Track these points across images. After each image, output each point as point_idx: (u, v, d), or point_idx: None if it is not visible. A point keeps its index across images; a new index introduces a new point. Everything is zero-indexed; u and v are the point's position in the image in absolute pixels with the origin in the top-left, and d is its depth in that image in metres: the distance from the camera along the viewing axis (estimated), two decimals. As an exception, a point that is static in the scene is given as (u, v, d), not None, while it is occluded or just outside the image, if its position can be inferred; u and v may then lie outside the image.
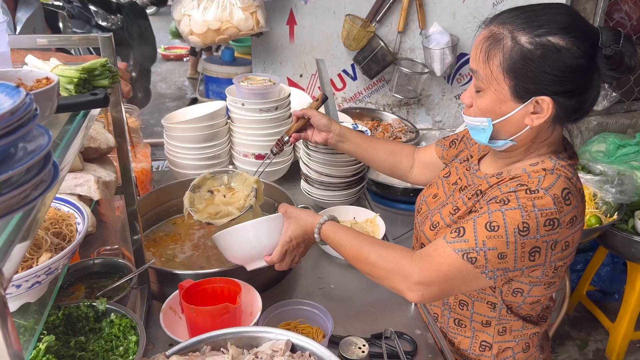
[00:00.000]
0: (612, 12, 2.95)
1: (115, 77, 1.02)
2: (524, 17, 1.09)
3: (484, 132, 1.18)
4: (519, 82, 1.09)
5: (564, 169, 1.15)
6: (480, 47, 1.13)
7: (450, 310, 1.37)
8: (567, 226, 1.10)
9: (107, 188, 1.21)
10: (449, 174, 1.43)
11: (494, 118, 1.15)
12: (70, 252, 0.90)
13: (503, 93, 1.12)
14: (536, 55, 1.06)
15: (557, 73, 1.07)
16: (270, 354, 1.13)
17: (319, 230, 1.32)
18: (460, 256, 1.12)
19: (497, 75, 1.11)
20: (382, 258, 1.21)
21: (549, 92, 1.09)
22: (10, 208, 0.59)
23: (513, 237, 1.09)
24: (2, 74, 0.85)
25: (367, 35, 2.53)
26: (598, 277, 3.20)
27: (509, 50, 1.08)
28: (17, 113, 0.59)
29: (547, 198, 1.09)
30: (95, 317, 1.21)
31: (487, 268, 1.11)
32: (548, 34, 1.06)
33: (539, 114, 1.11)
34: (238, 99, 2.03)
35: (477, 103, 1.17)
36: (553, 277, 1.20)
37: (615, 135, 2.92)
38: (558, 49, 1.05)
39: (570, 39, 1.05)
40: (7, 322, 0.56)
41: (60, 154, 0.78)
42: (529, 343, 1.33)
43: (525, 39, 1.07)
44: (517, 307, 1.27)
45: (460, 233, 1.14)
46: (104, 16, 4.25)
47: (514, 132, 1.16)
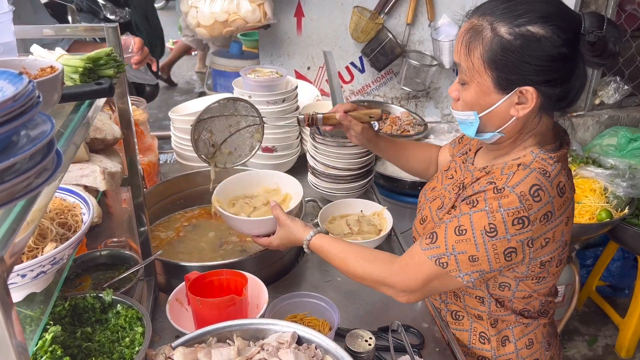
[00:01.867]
0: (624, 4, 2.91)
1: (120, 67, 1.01)
2: (503, 8, 1.07)
3: (471, 126, 1.18)
4: (500, 73, 1.08)
5: (544, 162, 1.13)
6: (461, 40, 1.12)
7: (447, 302, 1.37)
8: (540, 223, 1.08)
9: (113, 179, 1.20)
10: (449, 168, 1.43)
11: (480, 111, 1.14)
12: (76, 242, 0.90)
13: (486, 85, 1.10)
14: (516, 45, 1.04)
15: (538, 63, 1.05)
16: (276, 346, 1.13)
17: (307, 245, 1.38)
18: (433, 262, 1.15)
19: (479, 68, 1.10)
20: (367, 272, 1.26)
21: (531, 82, 1.07)
22: (12, 196, 0.58)
23: (481, 238, 1.09)
24: (7, 62, 0.85)
25: (375, 27, 2.51)
26: (608, 272, 3.17)
27: (488, 42, 1.07)
28: (20, 100, 0.58)
29: (513, 196, 1.07)
30: (101, 308, 1.21)
31: (461, 271, 1.13)
32: (527, 23, 1.04)
33: (523, 104, 1.10)
34: (245, 91, 2.02)
35: (463, 96, 1.17)
36: (541, 272, 1.19)
37: (626, 129, 2.88)
38: (538, 38, 1.03)
39: (550, 28, 1.03)
40: (11, 313, 0.56)
41: (64, 143, 0.78)
42: (532, 339, 1.31)
43: (504, 30, 1.05)
44: (508, 301, 1.26)
45: (433, 239, 1.16)
46: (112, 9, 4.25)
47: (501, 124, 1.15)
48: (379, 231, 1.75)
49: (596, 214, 2.38)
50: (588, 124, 3.03)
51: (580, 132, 3.04)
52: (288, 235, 1.42)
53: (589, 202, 2.41)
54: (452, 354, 1.34)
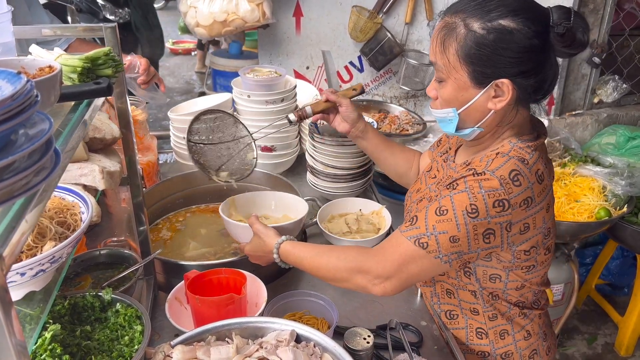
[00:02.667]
0: (622, 3, 2.91)
1: (118, 67, 1.02)
2: (474, 4, 1.11)
3: (451, 123, 1.20)
4: (476, 67, 1.10)
5: (522, 150, 1.15)
6: (436, 39, 1.15)
7: (440, 301, 1.37)
8: (520, 208, 1.10)
9: (112, 178, 1.21)
10: (431, 168, 1.44)
11: (458, 107, 1.17)
12: (74, 240, 0.90)
13: (463, 80, 1.13)
14: (489, 39, 1.07)
15: (512, 55, 1.08)
16: (274, 344, 1.13)
17: (277, 251, 1.34)
18: (412, 243, 1.14)
19: (454, 64, 1.12)
20: (340, 260, 1.23)
21: (506, 75, 1.10)
22: (11, 194, 0.59)
23: (462, 219, 1.10)
24: (6, 62, 0.85)
25: (374, 26, 2.51)
26: (607, 270, 3.17)
27: (462, 38, 1.10)
28: (18, 99, 0.59)
29: (494, 180, 1.09)
30: (100, 307, 1.21)
31: (441, 252, 1.12)
32: (499, 17, 1.07)
33: (500, 97, 1.12)
34: (244, 90, 2.03)
35: (441, 94, 1.19)
36: (527, 260, 1.20)
37: (625, 128, 2.88)
38: (509, 31, 1.06)
39: (521, 20, 1.07)
40: (10, 311, 0.56)
41: (62, 142, 0.78)
42: (529, 331, 1.33)
43: (477, 25, 1.08)
44: (502, 293, 1.27)
45: (413, 222, 1.16)
46: (111, 10, 4.26)
47: (479, 118, 1.17)
48: (378, 230, 1.76)
49: (595, 213, 2.38)
50: (587, 122, 3.04)
51: (579, 131, 3.04)
52: (259, 242, 1.39)
53: (588, 200, 2.41)
54: (450, 352, 1.34)
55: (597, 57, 2.88)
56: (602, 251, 3.08)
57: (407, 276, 1.18)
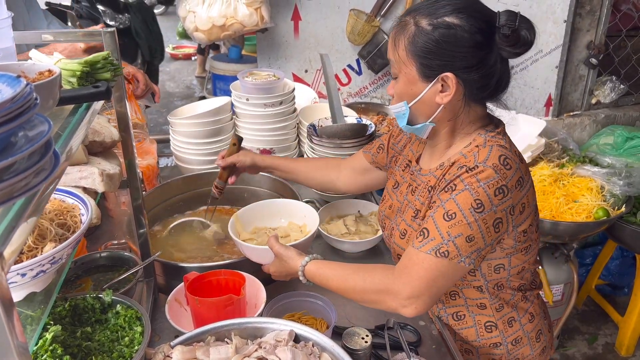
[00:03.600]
0: (619, 4, 2.92)
1: (117, 71, 1.03)
2: (426, 5, 1.18)
3: (403, 116, 1.25)
4: (423, 61, 1.16)
5: (495, 138, 1.21)
6: (391, 37, 1.22)
7: (445, 305, 1.38)
8: (516, 189, 1.15)
9: (112, 181, 1.22)
10: (397, 183, 1.44)
11: (409, 100, 1.22)
12: (74, 242, 0.92)
13: (412, 74, 1.19)
14: (434, 35, 1.14)
15: (456, 49, 1.14)
16: (273, 344, 1.14)
17: (302, 273, 1.32)
18: (433, 255, 1.13)
19: (404, 59, 1.18)
20: (367, 282, 1.21)
21: (451, 69, 1.15)
22: (11, 194, 0.60)
23: (472, 217, 1.12)
24: (6, 67, 0.87)
25: (371, 29, 2.53)
26: (607, 270, 3.18)
27: (411, 34, 1.17)
28: (18, 101, 0.60)
29: (488, 170, 1.13)
30: (101, 309, 1.22)
31: (462, 255, 1.13)
32: (445, 15, 1.14)
33: (446, 91, 1.18)
34: (243, 94, 2.04)
35: (395, 89, 1.25)
36: (525, 241, 1.23)
37: (623, 128, 2.89)
38: (453, 26, 1.13)
39: (464, 17, 1.13)
40: (12, 311, 0.57)
41: (62, 144, 0.79)
42: (532, 313, 1.36)
43: (425, 22, 1.15)
44: (506, 281, 1.29)
45: (425, 235, 1.16)
46: (111, 15, 4.29)
47: (429, 113, 1.22)
48: (376, 231, 1.77)
49: (593, 213, 2.39)
50: (585, 123, 3.05)
51: (577, 132, 3.05)
52: (282, 264, 1.36)
53: (586, 200, 2.42)
54: (448, 351, 1.35)
55: (594, 58, 2.90)
56: (601, 251, 3.09)
57: (436, 290, 1.17)
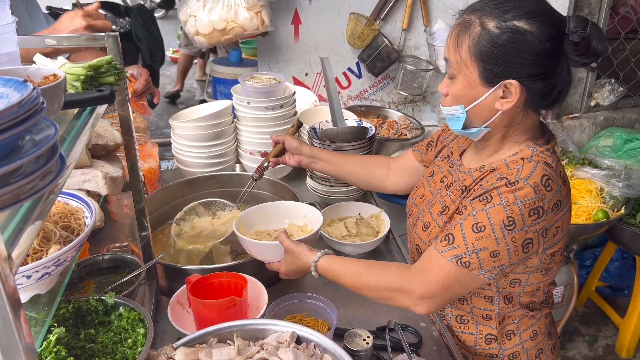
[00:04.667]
0: (617, 7, 2.94)
1: (120, 75, 1.04)
2: (492, 5, 1.13)
3: (458, 120, 1.21)
4: (486, 65, 1.12)
5: (543, 154, 1.17)
6: (451, 35, 1.18)
7: (451, 306, 1.38)
8: (553, 212, 1.12)
9: (115, 183, 1.23)
10: (433, 173, 1.44)
11: (466, 104, 1.18)
12: (78, 244, 0.93)
13: (472, 78, 1.14)
14: (502, 39, 1.09)
15: (523, 56, 1.09)
16: (275, 346, 1.15)
17: (315, 268, 1.33)
18: (454, 263, 1.13)
19: (466, 60, 1.14)
20: (382, 281, 1.22)
21: (516, 76, 1.11)
22: (18, 197, 0.61)
23: (501, 233, 1.10)
24: (12, 71, 0.88)
25: (371, 33, 2.54)
26: (607, 272, 3.18)
27: (477, 36, 1.12)
28: (25, 105, 0.61)
29: (528, 188, 1.10)
30: (104, 311, 1.23)
31: (483, 269, 1.13)
32: (514, 18, 1.09)
33: (508, 98, 1.13)
34: (244, 97, 2.05)
35: (451, 90, 1.20)
36: (550, 263, 1.21)
37: (622, 130, 2.91)
38: (523, 32, 1.08)
39: (535, 23, 1.08)
40: (19, 311, 0.58)
41: (67, 148, 0.80)
42: (535, 330, 1.33)
43: (492, 24, 1.10)
44: (517, 296, 1.28)
45: (450, 240, 1.15)
46: (112, 19, 4.30)
47: (486, 118, 1.18)
48: (377, 233, 1.78)
49: (593, 214, 2.40)
50: (584, 125, 3.06)
51: (576, 134, 3.06)
52: (294, 261, 1.36)
53: (586, 202, 2.44)
54: (449, 353, 1.36)
55: (593, 61, 2.91)
56: (601, 253, 3.10)
57: (450, 295, 1.18)
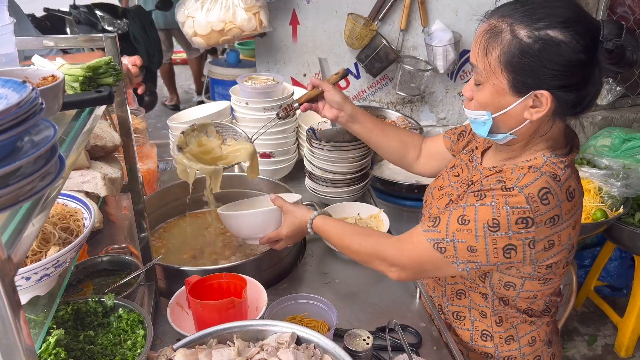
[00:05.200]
0: (615, 6, 2.94)
1: (119, 76, 1.04)
2: (523, 10, 1.07)
3: (484, 126, 1.18)
4: (517, 76, 1.08)
5: (555, 165, 1.13)
6: (479, 41, 1.12)
7: (449, 302, 1.38)
8: (546, 225, 1.09)
9: (114, 185, 1.23)
10: (454, 165, 1.44)
11: (494, 111, 1.14)
12: (78, 245, 0.92)
13: (501, 87, 1.11)
14: (534, 49, 1.04)
15: (556, 67, 1.05)
16: (275, 346, 1.15)
17: (310, 224, 1.45)
18: (431, 245, 1.18)
19: (495, 69, 1.10)
20: (362, 245, 1.33)
21: (547, 87, 1.07)
22: (18, 198, 0.61)
23: (482, 231, 1.10)
24: (10, 72, 0.87)
25: (369, 33, 2.54)
26: (606, 272, 3.19)
27: (507, 44, 1.07)
28: (24, 106, 0.61)
29: (521, 197, 1.08)
30: (103, 312, 1.23)
31: (458, 259, 1.15)
32: (547, 27, 1.04)
33: (538, 108, 1.10)
34: (242, 98, 2.05)
35: (477, 97, 1.17)
36: (547, 274, 1.19)
37: (620, 130, 2.91)
38: (557, 43, 1.03)
39: (570, 33, 1.03)
40: (19, 312, 0.58)
41: (66, 149, 0.80)
42: (535, 337, 1.33)
43: (524, 33, 1.05)
44: (513, 300, 1.27)
45: (435, 223, 1.19)
46: (110, 21, 4.30)
47: (514, 125, 1.15)
48: (376, 233, 1.77)
49: (591, 214, 2.40)
50: (582, 125, 3.07)
51: (574, 134, 3.07)
52: (293, 221, 1.47)
53: (584, 202, 2.44)
54: (449, 352, 1.36)
55: (590, 61, 2.91)
56: (600, 253, 3.10)
57: (422, 271, 1.27)
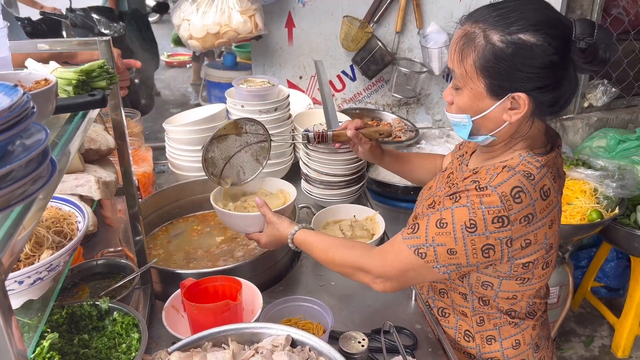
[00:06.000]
0: (609, 8, 2.96)
1: (113, 79, 1.04)
2: (495, 15, 1.09)
3: (464, 128, 1.21)
4: (493, 80, 1.10)
5: (530, 165, 1.14)
6: (455, 47, 1.15)
7: (434, 299, 1.40)
8: (520, 224, 1.10)
9: (108, 188, 1.23)
10: (446, 168, 1.46)
11: (473, 115, 1.17)
12: (71, 249, 0.92)
13: (479, 91, 1.13)
14: (508, 53, 1.06)
15: (530, 70, 1.07)
16: (270, 349, 1.15)
17: (291, 240, 1.42)
18: (412, 252, 1.18)
19: (471, 74, 1.12)
20: (345, 257, 1.30)
21: (523, 89, 1.09)
22: (9, 202, 0.61)
23: (460, 233, 1.12)
24: (2, 76, 0.88)
25: (365, 36, 2.55)
26: (603, 273, 3.19)
27: (481, 49, 1.09)
28: (15, 110, 0.61)
29: (494, 196, 1.09)
30: (98, 316, 1.23)
31: (439, 263, 1.15)
32: (519, 31, 1.05)
33: (516, 109, 1.12)
34: (238, 100, 2.05)
35: (456, 101, 1.19)
36: (524, 273, 1.20)
37: (615, 131, 2.92)
38: (529, 46, 1.05)
39: (542, 36, 1.05)
40: (10, 317, 0.58)
41: (58, 152, 0.80)
42: (519, 340, 1.32)
43: (497, 38, 1.07)
44: (492, 300, 1.28)
45: (414, 229, 1.19)
46: (106, 24, 4.29)
47: (493, 127, 1.17)
48: (372, 235, 1.77)
49: (587, 215, 2.41)
50: (578, 126, 3.08)
51: (570, 135, 3.08)
52: (274, 232, 1.44)
53: (580, 203, 2.45)
54: (444, 353, 1.36)
55: (585, 62, 2.93)
56: (596, 254, 3.11)
57: (406, 279, 1.24)
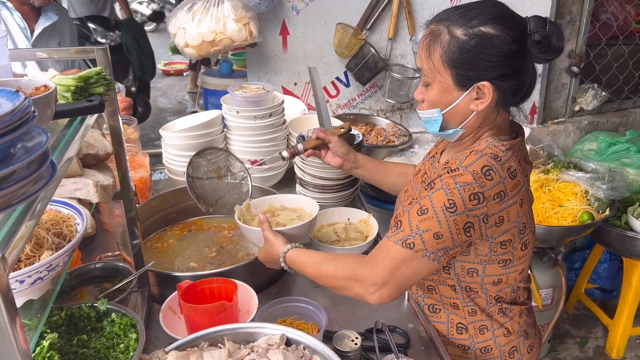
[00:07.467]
0: (598, 14, 3.01)
1: (110, 85, 1.08)
2: (457, 13, 1.19)
3: (435, 123, 1.28)
4: (459, 70, 1.19)
5: (496, 148, 1.22)
6: (422, 46, 1.24)
7: (424, 295, 1.43)
8: (494, 200, 1.17)
9: (105, 191, 1.26)
10: (419, 170, 1.51)
11: (443, 108, 1.24)
12: (70, 249, 0.95)
13: (447, 83, 1.21)
14: (471, 44, 1.16)
15: (492, 59, 1.16)
16: (265, 348, 1.17)
17: (283, 259, 1.40)
18: (400, 245, 1.19)
19: (439, 68, 1.20)
20: (338, 269, 1.28)
21: (487, 78, 1.18)
22: (10, 201, 0.64)
23: (443, 215, 1.16)
24: (4, 82, 0.91)
25: (358, 42, 2.59)
26: (596, 274, 3.23)
27: (447, 44, 1.18)
28: (17, 114, 0.64)
29: (467, 175, 1.16)
30: (96, 317, 1.25)
31: (427, 250, 1.18)
32: (480, 25, 1.16)
33: (482, 99, 1.20)
34: (233, 107, 2.09)
35: (427, 97, 1.27)
36: (504, 254, 1.25)
37: (606, 134, 2.96)
38: (490, 37, 1.15)
39: (500, 27, 1.15)
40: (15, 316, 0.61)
41: (58, 155, 0.83)
42: (508, 328, 1.37)
43: (460, 32, 1.17)
44: (480, 287, 1.32)
45: (398, 226, 1.22)
46: (102, 33, 4.34)
47: (462, 119, 1.25)
48: (366, 237, 1.80)
49: (578, 217, 2.44)
50: (569, 130, 3.12)
51: (561, 138, 3.12)
52: (268, 250, 1.44)
53: (571, 205, 2.48)
54: (436, 351, 1.38)
55: (575, 67, 2.98)
56: (589, 255, 3.14)
57: (400, 279, 1.21)
